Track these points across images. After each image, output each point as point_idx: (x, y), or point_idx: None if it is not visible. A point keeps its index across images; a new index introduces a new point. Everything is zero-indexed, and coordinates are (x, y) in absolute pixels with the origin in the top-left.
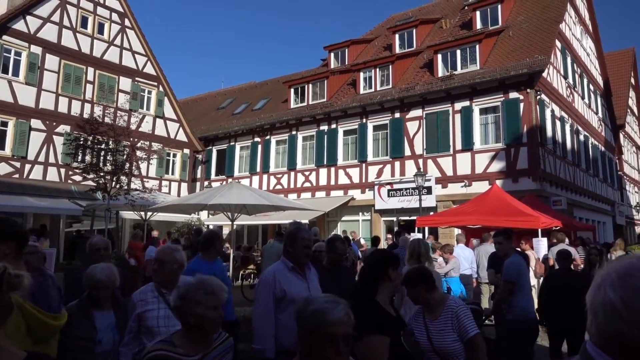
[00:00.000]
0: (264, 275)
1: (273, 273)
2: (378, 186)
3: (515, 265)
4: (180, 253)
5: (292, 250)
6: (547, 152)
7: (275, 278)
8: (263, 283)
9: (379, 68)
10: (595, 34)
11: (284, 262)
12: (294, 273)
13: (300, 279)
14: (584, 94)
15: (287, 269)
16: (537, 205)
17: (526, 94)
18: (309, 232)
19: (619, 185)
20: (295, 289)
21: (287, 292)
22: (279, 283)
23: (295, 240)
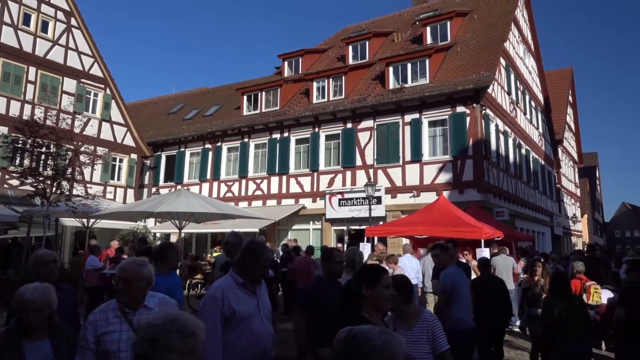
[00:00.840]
0: (211, 292)
1: (221, 290)
2: (329, 195)
3: (450, 276)
4: (147, 268)
5: (252, 268)
6: (491, 165)
7: (223, 295)
8: (210, 301)
9: (332, 78)
10: (537, 53)
11: (232, 277)
12: (244, 289)
13: (250, 295)
14: (526, 110)
15: (236, 284)
16: (481, 216)
17: (472, 109)
18: (272, 251)
19: (557, 197)
20: (245, 307)
21: (236, 310)
22: (227, 301)
23: (259, 258)
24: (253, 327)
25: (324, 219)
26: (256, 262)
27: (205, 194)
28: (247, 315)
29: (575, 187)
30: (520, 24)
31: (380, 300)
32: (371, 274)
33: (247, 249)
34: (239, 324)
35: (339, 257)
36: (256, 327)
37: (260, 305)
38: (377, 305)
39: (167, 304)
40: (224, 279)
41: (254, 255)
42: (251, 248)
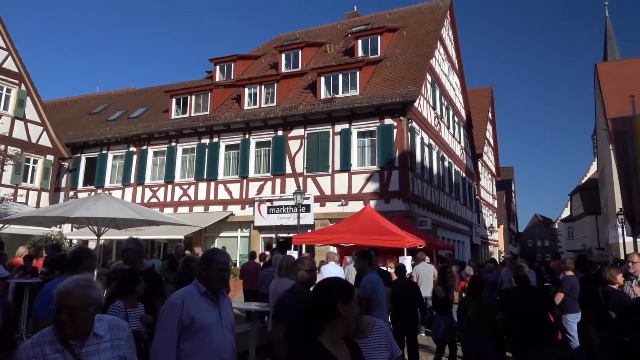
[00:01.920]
0: (172, 299)
1: (182, 297)
2: (258, 203)
3: (370, 282)
4: (95, 289)
5: (206, 275)
6: (416, 176)
7: (184, 302)
8: (169, 307)
9: (264, 85)
10: (460, 71)
11: (196, 286)
12: (206, 299)
13: (212, 305)
14: (450, 125)
15: (198, 293)
16: (405, 225)
17: (399, 121)
18: (226, 255)
19: (477, 208)
20: (205, 316)
21: (195, 319)
22: (187, 308)
23: (210, 264)
24: (213, 337)
25: (253, 227)
26: (208, 268)
27: (128, 199)
28: (206, 324)
29: (493, 199)
30: (446, 43)
31: (352, 318)
32: (345, 288)
33: (201, 257)
34: (198, 333)
35: (310, 266)
36: (216, 338)
37: (222, 316)
38: (347, 325)
39: (119, 328)
40: (188, 287)
41: (206, 262)
42: (204, 255)
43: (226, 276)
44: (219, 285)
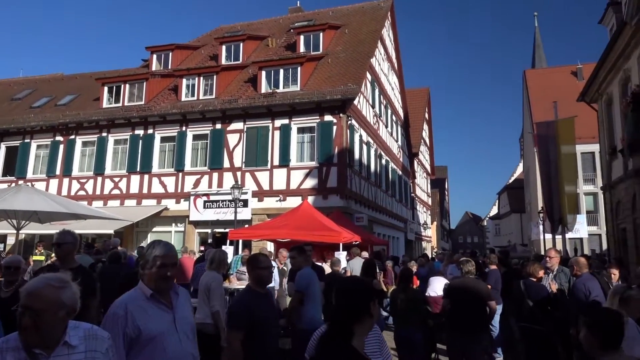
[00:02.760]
0: (113, 309)
1: (125, 305)
2: (194, 197)
3: (305, 276)
4: (69, 290)
5: (146, 274)
6: (353, 173)
7: (127, 312)
8: (111, 320)
9: (203, 77)
10: (400, 71)
11: (140, 289)
12: (154, 302)
13: (163, 309)
14: (388, 123)
15: (144, 297)
16: (342, 221)
17: (339, 118)
18: (167, 247)
19: (412, 205)
20: (155, 324)
21: (142, 329)
22: (132, 318)
23: (148, 260)
24: (166, 348)
25: (188, 221)
26: (146, 265)
27: (53, 192)
28: (156, 334)
29: (427, 197)
30: (386, 43)
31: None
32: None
33: (140, 254)
34: (148, 345)
35: (265, 263)
36: (171, 348)
37: (177, 321)
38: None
39: (97, 338)
40: (131, 292)
41: (143, 259)
42: (142, 252)
43: (168, 273)
44: (161, 285)
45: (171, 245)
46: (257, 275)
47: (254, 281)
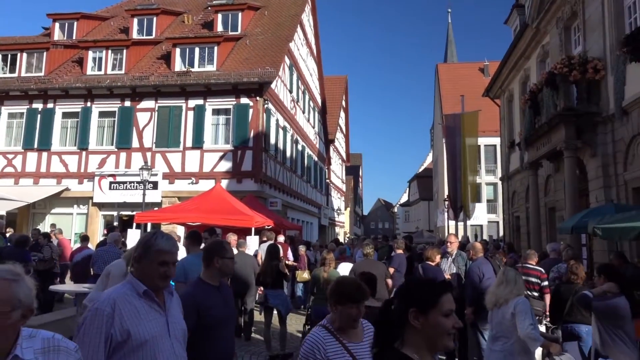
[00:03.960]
0: (97, 303)
1: (113, 301)
2: (99, 177)
3: (182, 265)
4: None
5: (141, 267)
6: (269, 157)
7: (115, 310)
8: (92, 317)
9: (112, 50)
10: (318, 57)
11: (132, 284)
12: (147, 301)
13: (156, 309)
14: (305, 109)
15: (136, 294)
16: (256, 205)
17: (256, 101)
18: (173, 242)
19: (326, 191)
20: (147, 326)
21: (132, 332)
22: (120, 318)
23: (148, 253)
24: (159, 356)
25: (91, 203)
26: (145, 258)
27: None
28: (149, 337)
29: (342, 183)
30: (306, 28)
31: (437, 334)
32: (425, 293)
33: (138, 242)
34: (138, 350)
35: (231, 251)
36: (164, 356)
37: (170, 323)
38: (431, 341)
39: (59, 351)
40: (120, 287)
41: (144, 249)
42: (140, 240)
43: (170, 271)
44: (160, 283)
45: (174, 240)
46: (223, 265)
47: (210, 272)
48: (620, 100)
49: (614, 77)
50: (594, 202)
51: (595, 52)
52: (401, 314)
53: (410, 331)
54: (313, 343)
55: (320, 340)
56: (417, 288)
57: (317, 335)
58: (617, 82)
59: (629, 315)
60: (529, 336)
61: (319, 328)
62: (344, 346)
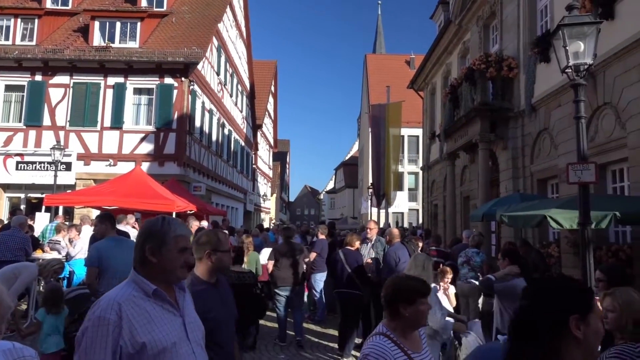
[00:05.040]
0: (98, 311)
1: (117, 306)
2: (4, 156)
3: (95, 249)
4: None
5: (158, 260)
6: (193, 141)
7: (122, 317)
8: (95, 328)
9: (22, 19)
10: (248, 41)
11: (137, 283)
12: (157, 302)
13: (169, 310)
14: (233, 93)
15: (143, 295)
16: (178, 189)
17: (181, 82)
18: (185, 225)
19: (253, 177)
20: (163, 332)
21: (146, 342)
22: (129, 326)
23: (165, 240)
24: None
25: None
26: (162, 248)
27: None
28: (167, 346)
29: (269, 169)
30: (236, 10)
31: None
32: (580, 293)
33: (146, 232)
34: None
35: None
36: None
37: (187, 325)
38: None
39: None
40: (123, 287)
41: (160, 237)
42: (148, 229)
43: (191, 260)
44: (182, 274)
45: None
46: (217, 260)
47: (207, 268)
48: (530, 97)
49: (525, 75)
50: (503, 191)
51: (510, 51)
52: (553, 324)
53: (570, 346)
54: (379, 355)
55: (388, 352)
56: (569, 289)
57: (383, 347)
58: (528, 80)
59: None
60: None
61: (381, 337)
62: (409, 357)
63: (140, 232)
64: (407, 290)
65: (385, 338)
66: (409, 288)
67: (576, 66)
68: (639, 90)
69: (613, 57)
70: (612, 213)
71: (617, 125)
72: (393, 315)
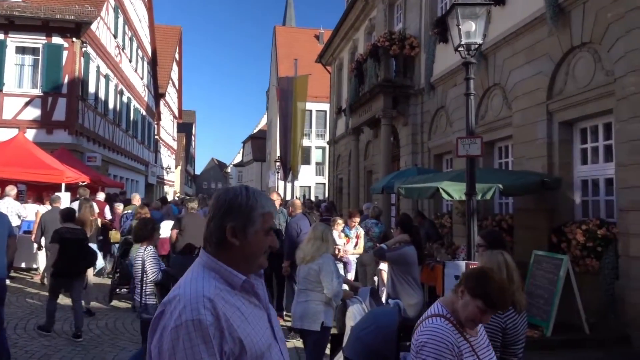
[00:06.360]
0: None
1: (211, 304)
2: None
3: None
4: None
5: (242, 243)
6: (87, 107)
7: (219, 316)
8: (189, 334)
9: None
10: (150, 3)
11: (217, 272)
12: (244, 295)
13: (256, 304)
14: (132, 58)
15: (227, 286)
16: (69, 159)
17: (72, 43)
18: (271, 200)
19: (155, 148)
20: (258, 334)
21: (246, 344)
22: (228, 327)
23: (251, 217)
24: None
25: None
26: (249, 226)
27: None
28: (265, 349)
29: (173, 140)
30: None
31: None
32: None
33: (226, 206)
34: None
35: None
36: None
37: (273, 321)
38: None
39: None
40: (202, 280)
41: (242, 213)
42: (232, 204)
43: (276, 244)
44: (264, 261)
45: None
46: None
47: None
48: (430, 76)
49: (425, 54)
50: (403, 166)
51: (413, 30)
52: None
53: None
54: (444, 340)
55: (450, 337)
56: None
57: (446, 330)
58: (427, 59)
59: (415, 262)
60: (333, 293)
61: (442, 320)
62: (471, 345)
63: (217, 206)
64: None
65: (446, 321)
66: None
67: (467, 45)
68: (525, 73)
69: (503, 40)
70: (495, 185)
71: (505, 105)
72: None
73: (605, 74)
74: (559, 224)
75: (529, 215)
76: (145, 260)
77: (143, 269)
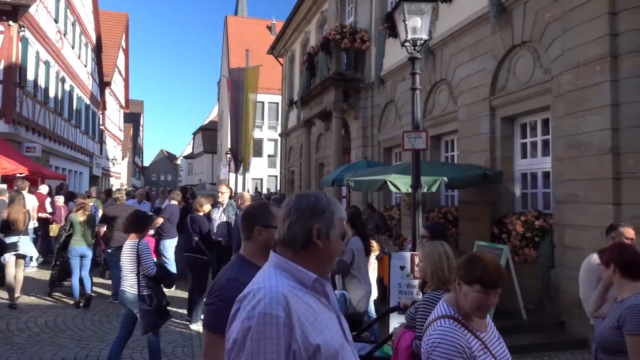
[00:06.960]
0: (261, 306)
1: (285, 300)
2: None
3: None
4: None
5: (324, 246)
6: (25, 95)
7: (291, 314)
8: (261, 328)
9: None
10: None
11: (288, 271)
12: (316, 295)
13: (325, 304)
14: (75, 44)
15: (301, 286)
16: (6, 149)
17: (8, 27)
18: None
19: (100, 138)
20: (331, 334)
21: (321, 346)
22: (300, 325)
23: (334, 222)
24: None
25: None
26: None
27: None
28: (338, 349)
29: (120, 131)
30: None
31: None
32: None
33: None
34: None
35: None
36: None
37: (342, 321)
38: None
39: None
40: (273, 276)
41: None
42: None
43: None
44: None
45: None
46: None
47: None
48: (380, 70)
49: (376, 49)
50: (354, 159)
51: (364, 24)
52: None
53: None
54: (454, 343)
55: (461, 338)
56: None
57: (455, 332)
58: (378, 53)
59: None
60: None
61: (450, 322)
62: (482, 341)
63: (299, 210)
64: None
65: (454, 322)
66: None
67: (414, 40)
68: (469, 69)
69: (449, 37)
70: (441, 178)
71: (451, 100)
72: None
73: (544, 72)
74: (500, 215)
75: (472, 207)
76: (141, 254)
77: (138, 262)
